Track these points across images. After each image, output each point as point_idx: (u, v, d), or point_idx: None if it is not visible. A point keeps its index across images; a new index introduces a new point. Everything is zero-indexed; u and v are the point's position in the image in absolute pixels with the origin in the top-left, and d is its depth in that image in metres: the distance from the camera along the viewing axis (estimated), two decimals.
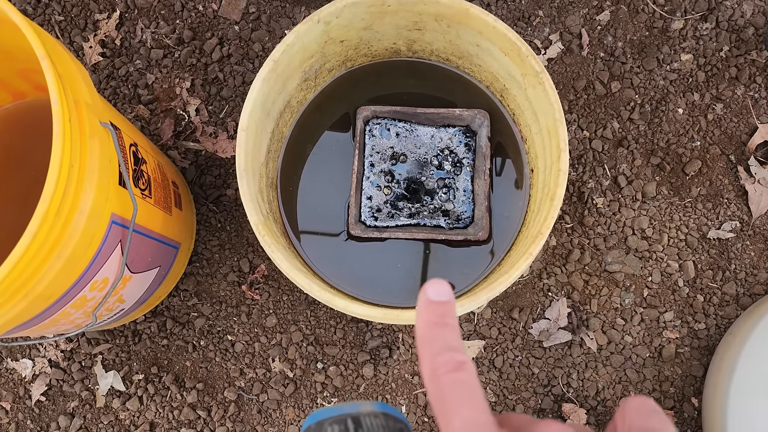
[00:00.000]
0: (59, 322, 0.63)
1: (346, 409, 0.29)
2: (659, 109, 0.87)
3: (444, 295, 0.27)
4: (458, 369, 0.25)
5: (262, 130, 0.66)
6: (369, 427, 0.28)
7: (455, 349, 0.26)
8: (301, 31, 0.62)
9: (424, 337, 0.26)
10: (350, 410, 0.29)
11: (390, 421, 0.29)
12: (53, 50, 0.52)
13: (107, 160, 0.55)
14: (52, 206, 0.47)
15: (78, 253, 0.53)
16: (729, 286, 0.84)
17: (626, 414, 0.25)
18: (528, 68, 0.62)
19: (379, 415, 0.29)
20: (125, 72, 0.89)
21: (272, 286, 0.85)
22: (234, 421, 0.84)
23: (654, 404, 0.26)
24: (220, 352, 0.85)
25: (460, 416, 0.23)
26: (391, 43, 0.72)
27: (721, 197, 0.86)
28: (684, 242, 0.85)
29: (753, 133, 0.86)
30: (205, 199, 0.87)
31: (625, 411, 0.26)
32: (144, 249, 0.67)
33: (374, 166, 0.72)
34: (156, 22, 0.89)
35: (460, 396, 0.24)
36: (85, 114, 0.52)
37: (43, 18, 0.90)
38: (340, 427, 0.28)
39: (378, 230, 0.70)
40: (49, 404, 0.85)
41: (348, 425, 0.28)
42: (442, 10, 0.63)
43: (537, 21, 0.89)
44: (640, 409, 0.25)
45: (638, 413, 0.25)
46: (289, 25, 0.89)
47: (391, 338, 0.84)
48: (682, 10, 0.88)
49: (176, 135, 0.88)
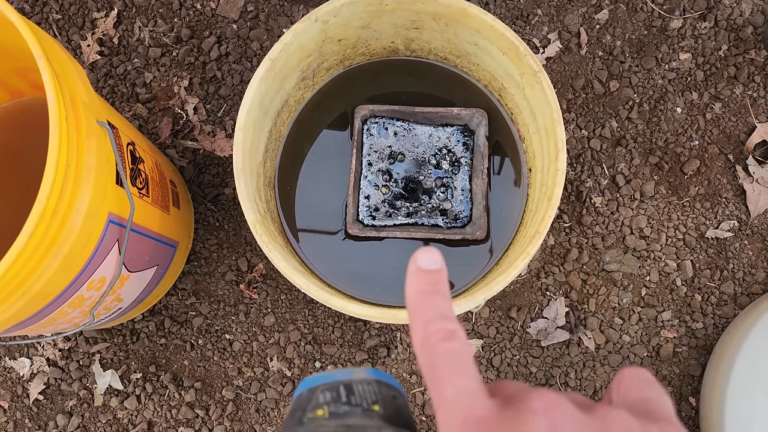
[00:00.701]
0: (57, 321, 0.63)
1: (339, 376, 0.28)
2: (658, 108, 0.87)
3: (435, 264, 0.27)
4: (450, 338, 0.24)
5: (260, 129, 0.66)
6: (361, 394, 0.27)
7: (447, 317, 0.25)
8: (299, 29, 0.62)
9: (416, 305, 0.26)
10: (343, 377, 0.28)
11: (383, 388, 0.28)
12: (50, 49, 0.52)
13: (104, 159, 0.55)
14: (48, 205, 0.47)
15: (75, 252, 0.53)
16: (727, 285, 0.84)
17: (622, 384, 0.25)
18: (526, 67, 0.62)
19: (371, 382, 0.28)
20: (123, 70, 0.89)
21: (270, 285, 0.85)
22: (232, 420, 0.84)
23: (649, 375, 0.25)
24: (218, 351, 0.85)
25: (453, 385, 0.23)
26: (389, 42, 0.72)
27: (719, 196, 0.86)
28: (682, 241, 0.85)
29: (751, 132, 0.86)
30: (203, 198, 0.86)
31: (621, 381, 0.25)
32: (142, 248, 0.67)
33: (372, 165, 0.72)
34: (154, 20, 0.89)
35: (452, 365, 0.24)
36: (82, 113, 0.52)
37: (41, 16, 0.90)
38: (332, 394, 0.27)
39: (376, 229, 0.70)
40: (48, 403, 0.85)
41: (340, 392, 0.27)
42: (440, 9, 0.63)
43: (535, 20, 0.89)
44: (635, 380, 0.25)
45: (634, 383, 0.25)
46: (288, 24, 0.89)
47: (389, 337, 0.84)
48: (681, 8, 0.88)
49: (174, 134, 0.88)
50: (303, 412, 0.27)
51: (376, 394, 0.28)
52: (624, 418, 0.22)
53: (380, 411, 0.27)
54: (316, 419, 0.26)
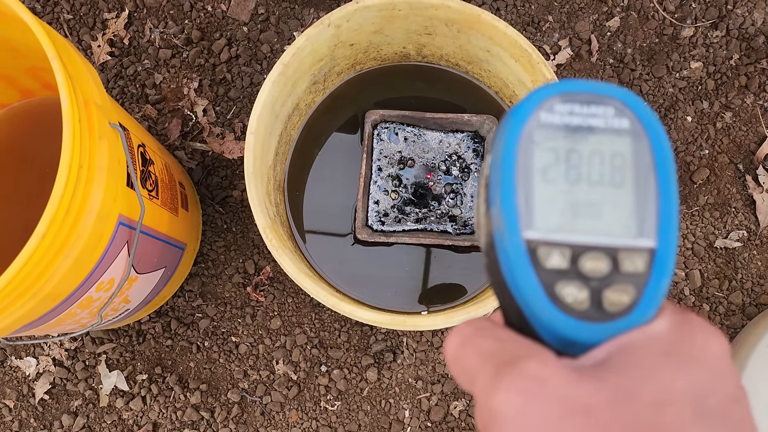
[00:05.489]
0: (65, 322, 0.63)
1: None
2: (668, 117, 0.87)
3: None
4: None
5: (271, 133, 0.66)
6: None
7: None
8: (312, 34, 0.62)
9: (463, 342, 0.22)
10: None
11: None
12: (63, 50, 0.52)
13: (116, 161, 0.55)
14: (60, 207, 0.47)
15: (85, 254, 0.53)
16: (735, 295, 0.84)
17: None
18: (538, 75, 0.62)
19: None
20: (133, 71, 0.89)
21: (277, 288, 0.85)
22: (237, 423, 0.84)
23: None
24: (224, 354, 0.85)
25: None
26: (400, 47, 0.72)
27: (728, 206, 0.85)
28: (691, 251, 0.85)
29: (762, 142, 0.86)
30: (212, 200, 0.86)
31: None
32: (150, 250, 0.67)
33: (382, 171, 0.72)
34: (165, 21, 0.89)
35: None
36: (94, 115, 0.52)
37: (52, 16, 0.90)
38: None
39: (385, 235, 0.70)
40: (53, 403, 0.85)
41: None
42: (452, 16, 0.63)
43: (546, 26, 0.88)
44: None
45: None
46: (298, 27, 0.89)
47: (395, 342, 0.84)
48: (693, 17, 0.88)
49: (183, 135, 0.88)
50: None
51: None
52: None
53: None
54: None
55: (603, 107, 0.22)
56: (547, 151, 0.22)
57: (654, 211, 0.21)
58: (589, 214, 0.22)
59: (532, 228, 0.21)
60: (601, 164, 0.22)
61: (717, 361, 0.20)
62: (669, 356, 0.20)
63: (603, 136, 0.22)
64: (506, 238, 0.21)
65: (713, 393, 0.19)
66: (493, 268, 0.22)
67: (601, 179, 0.22)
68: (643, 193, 0.22)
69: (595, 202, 0.22)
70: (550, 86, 0.23)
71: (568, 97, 0.22)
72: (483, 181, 0.23)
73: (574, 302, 0.21)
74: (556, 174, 0.22)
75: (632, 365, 0.20)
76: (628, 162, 0.22)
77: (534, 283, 0.21)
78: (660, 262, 0.21)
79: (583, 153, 0.22)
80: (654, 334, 0.20)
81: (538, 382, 0.19)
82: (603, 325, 0.21)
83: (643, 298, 0.21)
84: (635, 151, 0.22)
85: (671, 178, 0.22)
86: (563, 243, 0.21)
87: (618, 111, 0.22)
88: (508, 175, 0.21)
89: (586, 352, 0.21)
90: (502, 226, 0.21)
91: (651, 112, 0.22)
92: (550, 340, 0.21)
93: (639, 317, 0.21)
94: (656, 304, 0.21)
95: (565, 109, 0.22)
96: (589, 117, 0.22)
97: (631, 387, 0.19)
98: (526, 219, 0.21)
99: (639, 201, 0.22)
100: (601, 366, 0.20)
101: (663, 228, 0.21)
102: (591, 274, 0.21)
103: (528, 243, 0.21)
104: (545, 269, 0.21)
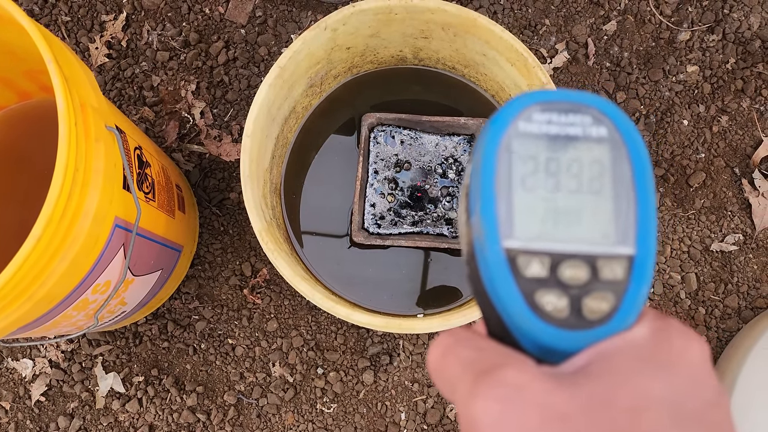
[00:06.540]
0: (61, 324, 0.63)
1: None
2: (664, 120, 0.87)
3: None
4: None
5: (267, 136, 0.66)
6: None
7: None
8: (308, 37, 0.62)
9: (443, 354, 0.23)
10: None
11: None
12: (60, 53, 0.52)
13: (112, 163, 0.55)
14: (56, 210, 0.47)
15: (81, 257, 0.53)
16: (731, 299, 0.84)
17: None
18: (534, 79, 0.62)
19: None
20: (131, 74, 0.89)
21: (274, 291, 0.85)
22: (233, 425, 0.84)
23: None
24: (221, 356, 0.85)
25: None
26: (397, 51, 0.72)
27: (724, 210, 0.85)
28: (687, 254, 0.85)
29: (758, 146, 0.86)
30: (209, 202, 0.86)
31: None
32: (147, 252, 0.67)
33: (378, 174, 0.72)
34: (162, 24, 0.90)
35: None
36: (91, 117, 0.52)
37: (50, 18, 0.90)
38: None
39: (381, 237, 0.70)
40: (49, 404, 0.85)
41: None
42: (449, 19, 0.63)
43: (543, 30, 0.89)
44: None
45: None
46: (296, 30, 0.89)
47: (391, 345, 0.84)
48: (689, 21, 0.88)
49: (180, 137, 0.88)
50: None
51: None
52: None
53: None
54: None
55: (581, 116, 0.22)
56: (526, 159, 0.22)
57: (632, 218, 0.22)
58: (568, 222, 0.22)
59: (512, 237, 0.21)
60: (580, 172, 0.22)
61: (695, 366, 0.20)
62: (646, 362, 0.20)
63: (581, 144, 0.22)
64: (486, 248, 0.21)
65: (691, 398, 0.19)
66: (474, 277, 0.22)
67: (580, 187, 0.22)
68: (621, 200, 0.22)
69: (574, 211, 0.22)
70: (528, 95, 0.23)
71: (546, 106, 0.22)
72: (464, 190, 0.23)
73: (553, 310, 0.21)
74: (535, 183, 0.22)
75: (610, 371, 0.20)
76: (606, 170, 0.22)
77: (514, 291, 0.21)
78: (639, 269, 0.21)
79: (561, 161, 0.22)
80: (633, 341, 0.20)
81: (516, 389, 0.19)
82: (583, 332, 0.21)
83: (622, 306, 0.21)
84: (613, 159, 0.22)
85: (649, 186, 0.22)
86: (543, 251, 0.21)
87: (595, 119, 0.22)
88: (488, 184, 0.22)
89: (566, 359, 0.21)
90: (482, 235, 0.21)
91: (628, 120, 0.23)
92: (530, 349, 0.21)
93: (618, 324, 0.21)
94: (636, 311, 0.21)
95: (543, 118, 0.22)
96: (567, 126, 0.22)
97: (607, 393, 0.19)
98: (506, 228, 0.21)
99: (617, 209, 0.22)
100: (579, 373, 0.20)
101: (641, 235, 0.21)
102: (570, 282, 0.21)
103: (508, 252, 0.21)
104: (525, 278, 0.21)
